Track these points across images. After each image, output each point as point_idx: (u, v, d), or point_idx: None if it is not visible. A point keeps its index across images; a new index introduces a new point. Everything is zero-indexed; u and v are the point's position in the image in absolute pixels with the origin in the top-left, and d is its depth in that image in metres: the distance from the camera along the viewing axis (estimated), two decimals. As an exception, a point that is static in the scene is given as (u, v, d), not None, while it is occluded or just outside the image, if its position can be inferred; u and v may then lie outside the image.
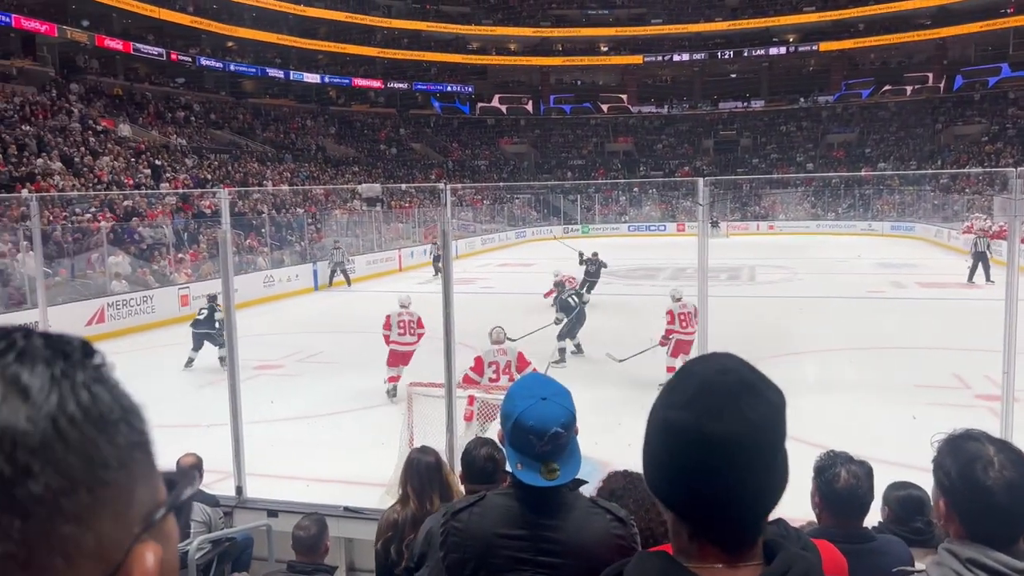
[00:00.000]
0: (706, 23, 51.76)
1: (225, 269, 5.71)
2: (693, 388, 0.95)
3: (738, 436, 0.91)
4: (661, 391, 1.01)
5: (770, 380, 0.97)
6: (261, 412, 9.17)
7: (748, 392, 0.93)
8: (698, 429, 0.92)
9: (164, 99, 36.63)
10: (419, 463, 3.33)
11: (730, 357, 0.99)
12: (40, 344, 0.47)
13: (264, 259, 22.40)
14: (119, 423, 0.48)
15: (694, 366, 1.00)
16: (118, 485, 0.47)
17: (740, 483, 0.92)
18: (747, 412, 0.92)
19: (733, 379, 0.94)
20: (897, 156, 45.02)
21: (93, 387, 0.47)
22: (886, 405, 9.22)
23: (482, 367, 8.35)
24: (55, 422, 0.44)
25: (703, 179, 5.37)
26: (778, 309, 16.75)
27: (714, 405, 0.92)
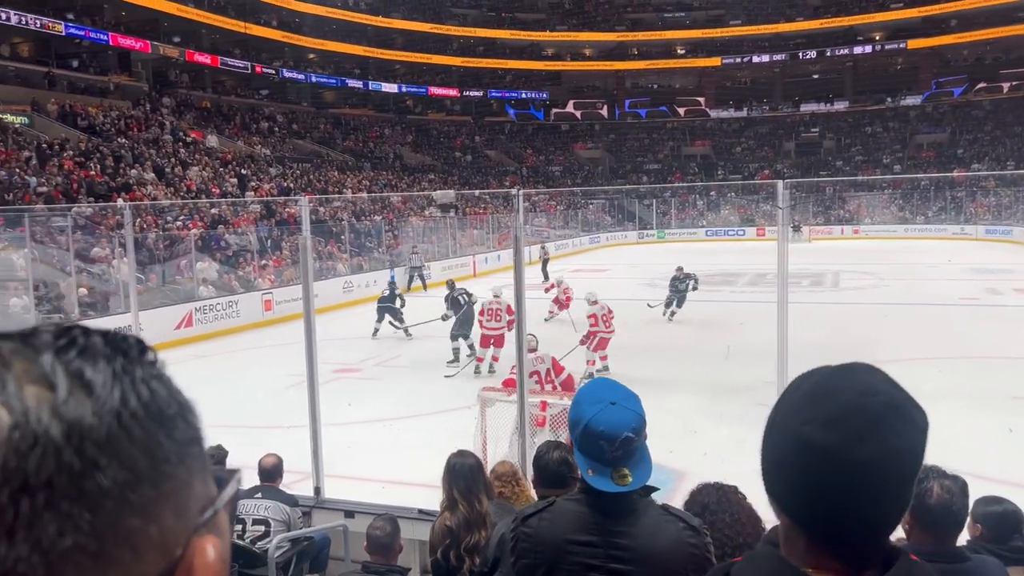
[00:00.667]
0: (787, 23, 50.51)
1: (305, 275, 5.86)
2: (836, 407, 0.91)
3: (880, 461, 0.88)
4: (784, 400, 0.97)
5: (915, 400, 0.94)
6: (339, 415, 9.37)
7: (895, 416, 0.90)
8: (838, 451, 0.89)
9: (249, 110, 37.98)
10: (460, 466, 3.36)
11: (875, 374, 0.96)
12: (99, 341, 0.48)
13: (343, 265, 22.93)
14: (176, 419, 0.49)
15: (836, 381, 0.95)
16: (178, 479, 0.48)
17: (873, 504, 0.90)
18: (891, 437, 0.89)
19: (880, 401, 0.91)
20: (992, 156, 42.92)
21: (151, 383, 0.48)
22: (980, 417, 8.78)
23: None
24: (119, 417, 0.45)
25: (783, 182, 5.22)
26: (863, 316, 16.17)
27: (857, 428, 0.89)
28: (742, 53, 51.47)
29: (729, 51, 51.69)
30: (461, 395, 9.80)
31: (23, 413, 0.42)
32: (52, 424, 0.43)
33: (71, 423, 0.43)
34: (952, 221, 39.04)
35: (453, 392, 10.42)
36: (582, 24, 53.03)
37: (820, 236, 38.80)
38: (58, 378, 0.44)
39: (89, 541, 0.43)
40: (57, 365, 0.45)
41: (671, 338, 13.96)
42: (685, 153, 52.36)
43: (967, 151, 44.74)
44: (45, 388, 0.44)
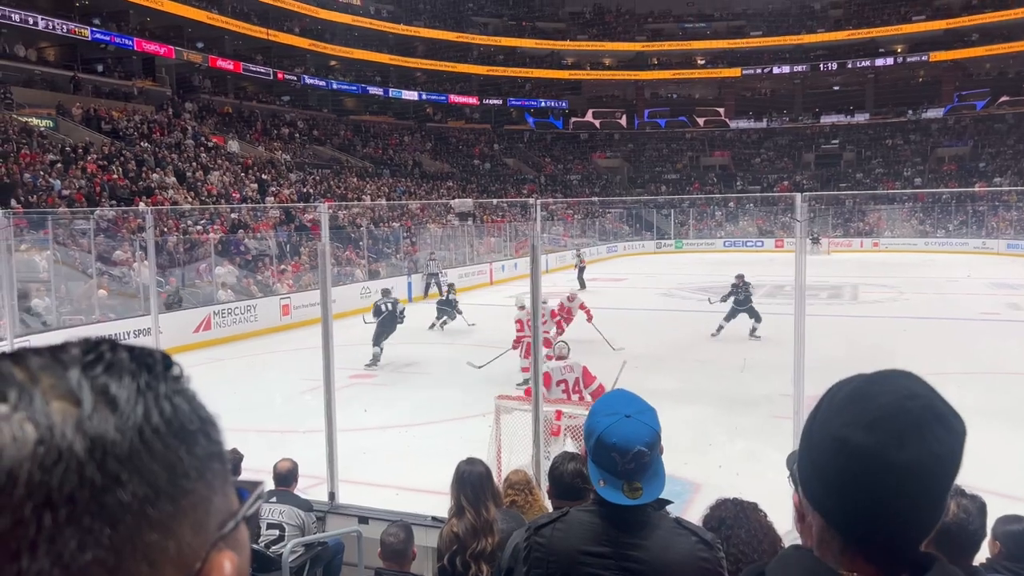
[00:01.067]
0: (808, 34, 50.33)
1: (324, 280, 5.90)
2: (877, 410, 0.92)
3: (920, 465, 0.89)
4: (822, 405, 0.98)
5: (954, 409, 0.94)
6: (355, 420, 9.41)
7: (936, 421, 0.91)
8: (878, 453, 0.89)
9: (270, 116, 38.32)
10: (469, 474, 3.38)
11: (916, 380, 0.96)
12: (126, 356, 0.49)
13: (361, 271, 23.04)
14: (198, 434, 0.49)
15: (877, 386, 0.96)
16: (197, 494, 0.48)
17: (910, 508, 0.91)
18: (931, 442, 0.89)
19: (921, 405, 0.91)
20: (1015, 171, 42.48)
21: (174, 399, 0.49)
22: (1001, 434, 8.67)
23: (550, 383, 8.14)
24: (141, 432, 0.46)
25: (801, 194, 5.21)
26: (882, 330, 16.04)
27: (898, 431, 0.90)
28: (762, 64, 51.34)
29: (749, 62, 51.57)
30: (477, 403, 9.81)
31: (48, 428, 0.43)
32: (76, 439, 0.44)
33: (94, 438, 0.44)
34: (973, 235, 38.65)
35: (469, 400, 10.43)
36: (602, 34, 53.11)
37: (839, 248, 38.52)
38: (83, 393, 0.45)
39: (108, 555, 0.44)
40: (83, 380, 0.46)
41: (688, 349, 13.91)
42: (704, 163, 52.22)
43: (989, 165, 44.32)
44: (71, 403, 0.45)
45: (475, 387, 10.81)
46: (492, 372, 12.42)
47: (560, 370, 8.25)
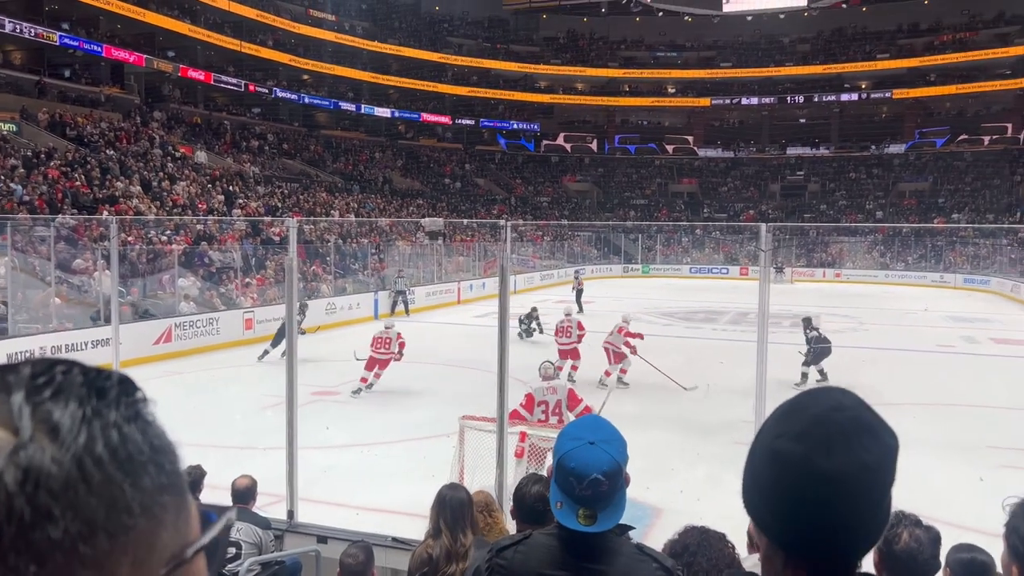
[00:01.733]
0: (776, 67, 51.43)
1: (290, 295, 5.85)
2: (806, 421, 0.95)
3: (847, 475, 0.91)
4: (764, 423, 1.01)
5: (885, 422, 0.97)
6: (317, 438, 9.30)
7: (864, 431, 0.93)
8: (807, 463, 0.92)
9: (240, 128, 38.03)
10: (451, 499, 3.38)
11: (846, 394, 0.99)
12: (78, 380, 0.46)
13: (327, 286, 22.88)
14: (147, 465, 0.46)
15: (808, 399, 0.99)
16: (140, 530, 0.45)
17: (843, 519, 0.92)
18: (859, 451, 0.91)
19: (848, 416, 0.94)
20: (972, 207, 43.66)
21: (125, 427, 0.46)
22: (953, 465, 8.85)
23: (532, 405, 8.10)
24: (80, 463, 0.43)
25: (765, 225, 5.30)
26: (841, 359, 16.29)
27: (825, 441, 0.92)
28: (731, 95, 52.28)
29: (718, 92, 52.49)
30: (441, 423, 9.76)
31: None
32: (8, 470, 0.41)
33: (27, 469, 0.41)
34: (932, 269, 39.54)
35: (433, 419, 10.37)
36: (575, 59, 53.73)
37: (802, 278, 39.15)
38: (23, 420, 0.43)
39: None
40: (25, 406, 0.43)
41: (652, 374, 13.98)
42: (672, 190, 52.87)
43: (948, 201, 45.49)
44: (8, 431, 0.42)
45: (440, 407, 10.75)
46: (458, 391, 12.36)
47: (543, 391, 8.19)
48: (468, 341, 18.06)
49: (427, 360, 15.67)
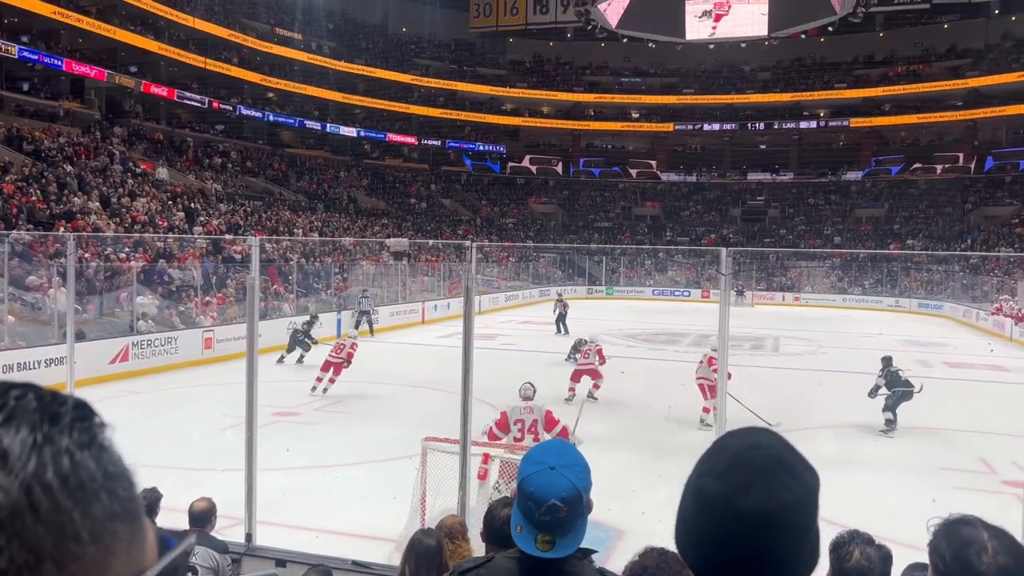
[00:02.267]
0: (737, 95, 52.47)
1: (251, 314, 5.79)
2: (727, 460, 0.97)
3: (766, 512, 0.92)
4: (700, 459, 1.03)
5: (806, 460, 0.99)
6: (276, 459, 9.17)
7: (782, 470, 0.95)
8: (727, 500, 0.93)
9: (203, 145, 37.64)
10: (421, 545, 3.39)
11: (768, 434, 1.02)
12: (32, 405, 0.44)
13: (289, 306, 22.63)
14: (99, 492, 0.45)
15: (730, 438, 1.02)
16: (89, 559, 0.44)
17: (765, 556, 0.94)
18: (778, 489, 0.93)
19: (766, 455, 0.96)
20: (926, 234, 44.82)
21: (77, 454, 0.44)
22: (908, 486, 9.01)
23: (507, 423, 8.10)
24: (29, 491, 0.42)
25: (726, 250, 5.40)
26: (801, 382, 16.55)
27: (744, 479, 0.94)
28: (694, 121, 53.16)
29: (681, 118, 53.34)
30: (403, 444, 9.70)
31: None
32: None
33: None
34: (888, 293, 40.42)
35: (395, 441, 10.29)
36: (541, 83, 54.25)
37: (763, 301, 39.76)
38: None
39: None
40: None
41: (615, 396, 14.05)
42: (636, 213, 53.45)
43: (903, 227, 46.64)
44: None
45: (402, 428, 10.68)
46: (421, 412, 12.30)
47: (520, 410, 8.18)
48: (432, 361, 17.99)
49: (390, 381, 15.56)
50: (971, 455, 10.45)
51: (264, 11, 44.70)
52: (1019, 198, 44.26)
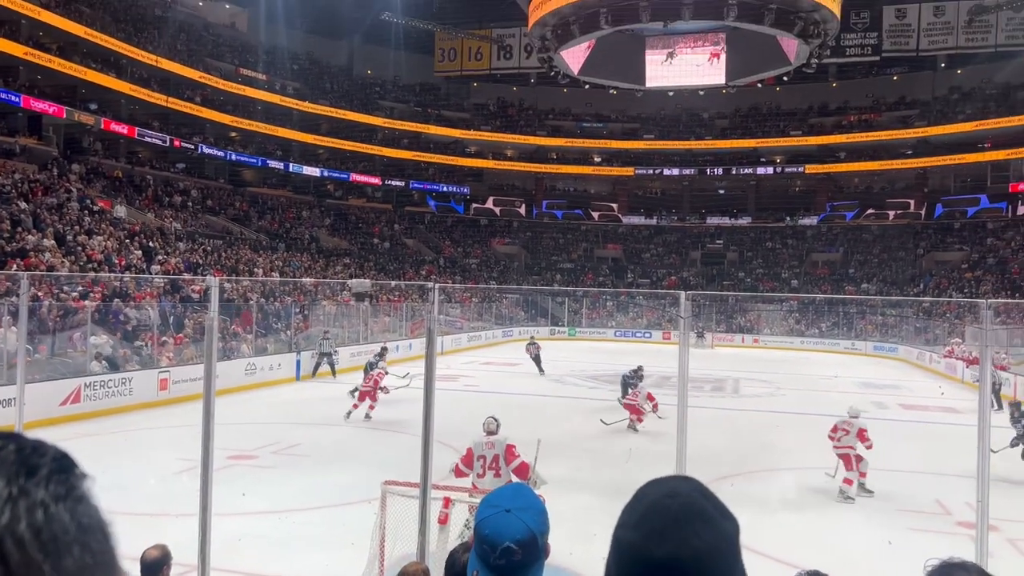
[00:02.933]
0: (696, 140, 53.69)
1: (209, 355, 5.71)
2: (642, 509, 0.97)
3: (680, 560, 0.92)
4: (623, 509, 1.03)
5: (724, 508, 0.98)
6: (232, 504, 8.96)
7: (696, 518, 0.95)
8: (641, 550, 0.93)
9: (163, 183, 37.26)
10: None
11: (685, 481, 1.02)
12: (11, 457, 0.45)
13: (248, 346, 22.29)
14: (72, 545, 0.45)
15: (648, 487, 1.02)
16: None
17: None
18: (691, 538, 0.92)
19: (680, 503, 0.96)
20: (880, 278, 45.94)
21: (52, 506, 0.44)
22: (865, 527, 9.11)
23: (472, 459, 8.12)
24: (0, 543, 0.42)
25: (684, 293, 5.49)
26: (760, 423, 16.71)
27: (658, 528, 0.93)
28: (654, 165, 54.16)
29: (642, 163, 54.33)
30: (363, 488, 9.55)
31: None
32: None
33: None
34: (844, 336, 41.18)
35: (354, 484, 10.14)
36: (505, 126, 54.95)
37: (723, 343, 40.21)
38: None
39: None
40: None
41: (576, 436, 14.04)
42: (598, 255, 53.98)
43: (858, 271, 47.75)
44: None
45: (362, 471, 10.53)
46: (381, 455, 12.15)
47: (482, 445, 8.17)
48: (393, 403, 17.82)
49: (350, 423, 15.36)
50: (926, 497, 10.61)
51: (229, 51, 44.77)
52: (968, 244, 45.70)
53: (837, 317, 42.75)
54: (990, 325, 5.11)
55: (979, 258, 43.68)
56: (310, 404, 18.14)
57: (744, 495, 10.27)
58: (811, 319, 43.82)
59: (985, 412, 5.13)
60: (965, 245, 45.76)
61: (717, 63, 30.54)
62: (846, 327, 41.94)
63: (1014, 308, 31.04)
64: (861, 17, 45.13)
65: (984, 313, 5.07)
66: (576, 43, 26.01)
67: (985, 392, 5.14)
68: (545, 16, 24.10)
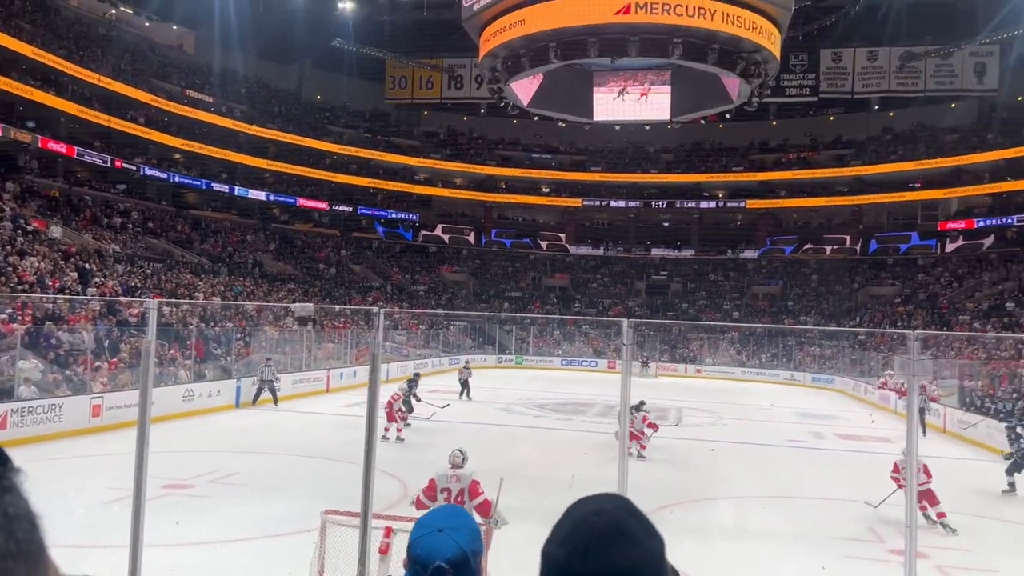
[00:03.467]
0: (642, 174, 54.74)
1: (145, 380, 5.58)
2: (569, 526, 0.99)
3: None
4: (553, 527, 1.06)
5: (651, 526, 1.00)
6: (165, 535, 8.70)
7: (621, 536, 0.96)
8: (565, 566, 0.95)
9: (103, 204, 36.33)
10: None
11: (613, 499, 1.04)
12: None
13: (186, 372, 21.74)
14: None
15: (577, 504, 1.04)
16: None
17: None
18: (614, 555, 0.94)
19: (606, 521, 0.97)
20: (818, 311, 47.20)
21: None
22: (801, 554, 9.28)
23: (434, 492, 7.89)
24: None
25: (627, 321, 5.58)
26: (702, 453, 16.93)
27: (582, 545, 0.95)
28: (601, 197, 54.97)
29: (589, 194, 55.10)
30: (302, 518, 9.37)
31: None
32: None
33: None
34: (783, 367, 42.10)
35: (294, 514, 9.94)
36: (454, 155, 55.20)
37: (666, 373, 40.73)
38: None
39: None
40: None
41: (520, 465, 14.02)
42: (546, 284, 54.32)
43: (796, 304, 49.00)
44: None
45: (302, 501, 10.34)
46: (322, 484, 11.93)
47: (447, 477, 7.97)
48: (335, 431, 17.55)
49: (290, 452, 15.07)
50: (860, 524, 10.87)
51: (175, 72, 44.13)
52: (900, 279, 47.34)
53: (777, 348, 43.71)
54: (917, 356, 5.31)
55: (911, 293, 45.27)
56: (250, 432, 17.74)
57: (686, 524, 10.38)
58: (752, 350, 44.71)
59: (913, 441, 5.31)
60: (897, 280, 47.39)
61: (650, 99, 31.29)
62: (785, 358, 42.90)
63: (942, 340, 32.21)
64: (800, 59, 46.88)
65: (912, 344, 5.27)
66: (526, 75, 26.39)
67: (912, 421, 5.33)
68: (496, 48, 24.42)
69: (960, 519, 10.88)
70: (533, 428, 19.21)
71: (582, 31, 23.33)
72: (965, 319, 38.28)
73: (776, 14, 22.95)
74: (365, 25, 44.46)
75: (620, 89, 29.75)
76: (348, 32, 43.33)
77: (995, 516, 11.97)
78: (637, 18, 22.42)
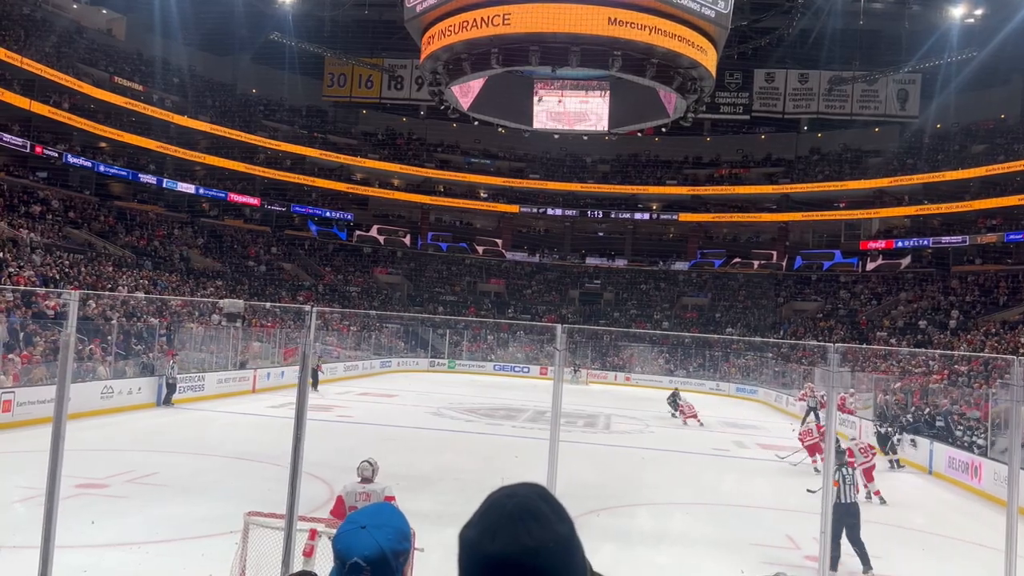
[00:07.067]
0: (578, 183, 55.36)
1: (63, 375, 5.37)
2: (483, 508, 1.03)
3: (509, 557, 0.96)
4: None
5: (562, 510, 1.04)
6: (79, 535, 8.38)
7: (530, 517, 1.00)
8: (476, 546, 0.99)
9: (21, 191, 34.78)
10: None
11: (528, 486, 1.07)
12: None
13: (105, 368, 20.96)
14: None
15: (497, 491, 1.08)
16: None
17: None
18: (522, 535, 0.98)
19: (515, 503, 1.01)
20: (744, 323, 48.47)
21: None
22: (721, 560, 9.51)
23: (343, 511, 7.28)
24: None
25: (561, 326, 5.65)
26: (629, 459, 17.18)
27: (492, 525, 0.99)
28: (538, 204, 55.35)
29: (527, 201, 55.41)
30: (224, 520, 9.14)
31: None
32: None
33: None
34: (710, 377, 43.07)
35: (215, 516, 9.68)
36: (392, 156, 54.78)
37: (597, 380, 41.20)
38: None
39: None
40: None
41: (449, 470, 13.98)
42: (481, 289, 54.33)
43: (724, 316, 50.22)
44: None
45: (223, 502, 10.08)
46: (245, 486, 11.67)
47: (356, 495, 7.34)
48: (260, 433, 17.19)
49: (212, 452, 14.68)
50: (777, 532, 11.19)
51: (103, 58, 42.61)
52: (822, 295, 49.02)
53: (704, 359, 44.69)
54: (836, 368, 5.52)
55: (832, 308, 46.91)
56: (171, 431, 17.22)
57: (609, 529, 10.52)
58: (680, 360, 45.60)
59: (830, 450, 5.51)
60: (820, 296, 49.06)
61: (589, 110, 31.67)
62: (712, 368, 43.89)
63: (860, 354, 33.46)
64: (734, 78, 48.18)
65: (831, 356, 5.47)
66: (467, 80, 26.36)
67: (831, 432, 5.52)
68: (437, 51, 24.31)
69: (872, 529, 11.31)
70: (464, 433, 19.16)
71: (525, 39, 23.45)
72: (882, 335, 39.89)
73: (713, 32, 23.50)
74: (305, 20, 43.75)
75: (558, 99, 30.03)
76: (288, 26, 42.55)
77: (904, 525, 12.49)
78: (579, 28, 22.68)
